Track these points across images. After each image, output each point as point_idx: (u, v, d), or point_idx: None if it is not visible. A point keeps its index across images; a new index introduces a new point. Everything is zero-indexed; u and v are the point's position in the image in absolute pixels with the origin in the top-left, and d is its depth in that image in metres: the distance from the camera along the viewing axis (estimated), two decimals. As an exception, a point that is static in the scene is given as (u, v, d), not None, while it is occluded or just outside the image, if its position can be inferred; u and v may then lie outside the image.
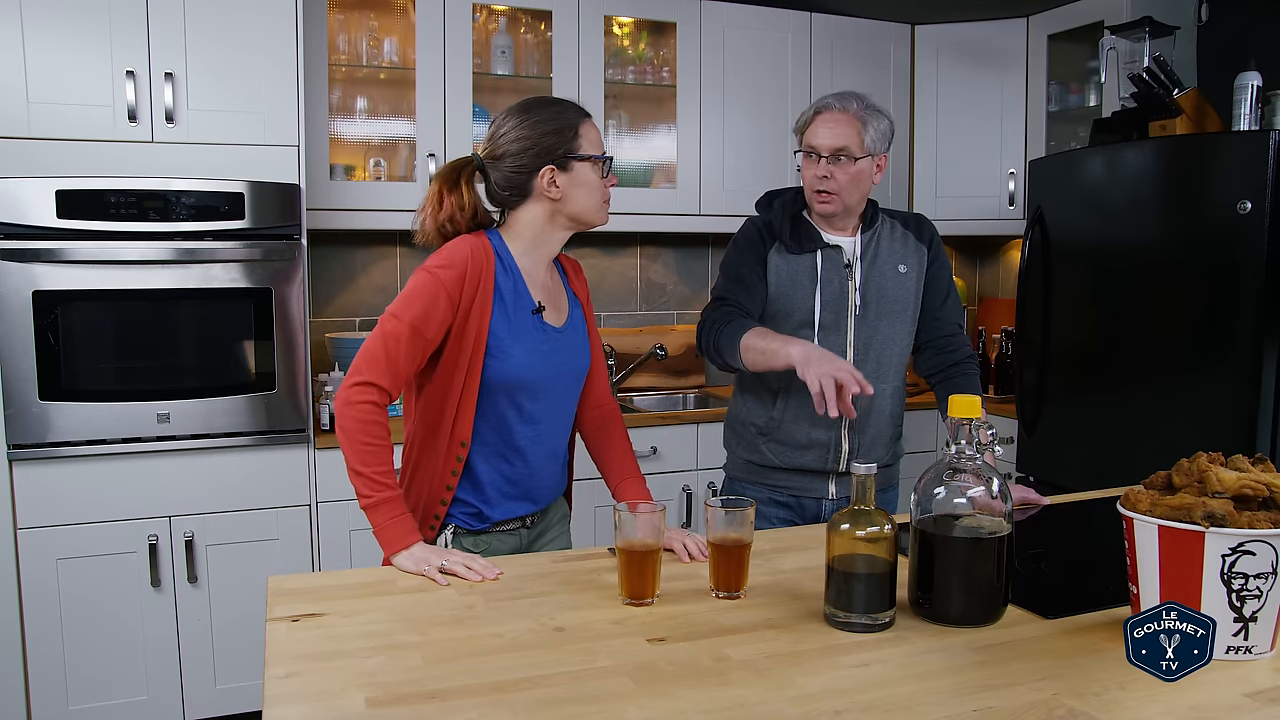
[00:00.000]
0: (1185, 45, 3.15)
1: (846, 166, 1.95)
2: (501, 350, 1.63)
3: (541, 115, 1.64)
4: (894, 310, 2.02)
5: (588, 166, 1.65)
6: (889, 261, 2.04)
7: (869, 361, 2.00)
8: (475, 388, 1.62)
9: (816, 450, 2.02)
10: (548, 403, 1.71)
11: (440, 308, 1.57)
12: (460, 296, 1.59)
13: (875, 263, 2.03)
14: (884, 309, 2.02)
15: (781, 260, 2.04)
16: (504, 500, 1.71)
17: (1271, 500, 1.13)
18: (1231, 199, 2.52)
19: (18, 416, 2.48)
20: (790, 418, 2.03)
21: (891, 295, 2.02)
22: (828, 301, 2.00)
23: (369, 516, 1.54)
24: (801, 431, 2.03)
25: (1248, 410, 2.51)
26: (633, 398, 3.57)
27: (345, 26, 3.14)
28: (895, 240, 2.06)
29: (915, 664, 1.14)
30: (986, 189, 3.71)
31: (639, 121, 3.57)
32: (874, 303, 2.01)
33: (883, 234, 2.06)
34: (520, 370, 1.64)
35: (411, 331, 1.57)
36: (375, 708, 1.03)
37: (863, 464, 1.25)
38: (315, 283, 3.29)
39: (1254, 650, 1.13)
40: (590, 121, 1.68)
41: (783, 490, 2.07)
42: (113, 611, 2.59)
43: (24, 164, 2.45)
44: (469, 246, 1.61)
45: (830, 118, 1.96)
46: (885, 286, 2.02)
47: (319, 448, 2.76)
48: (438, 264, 1.59)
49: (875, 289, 2.01)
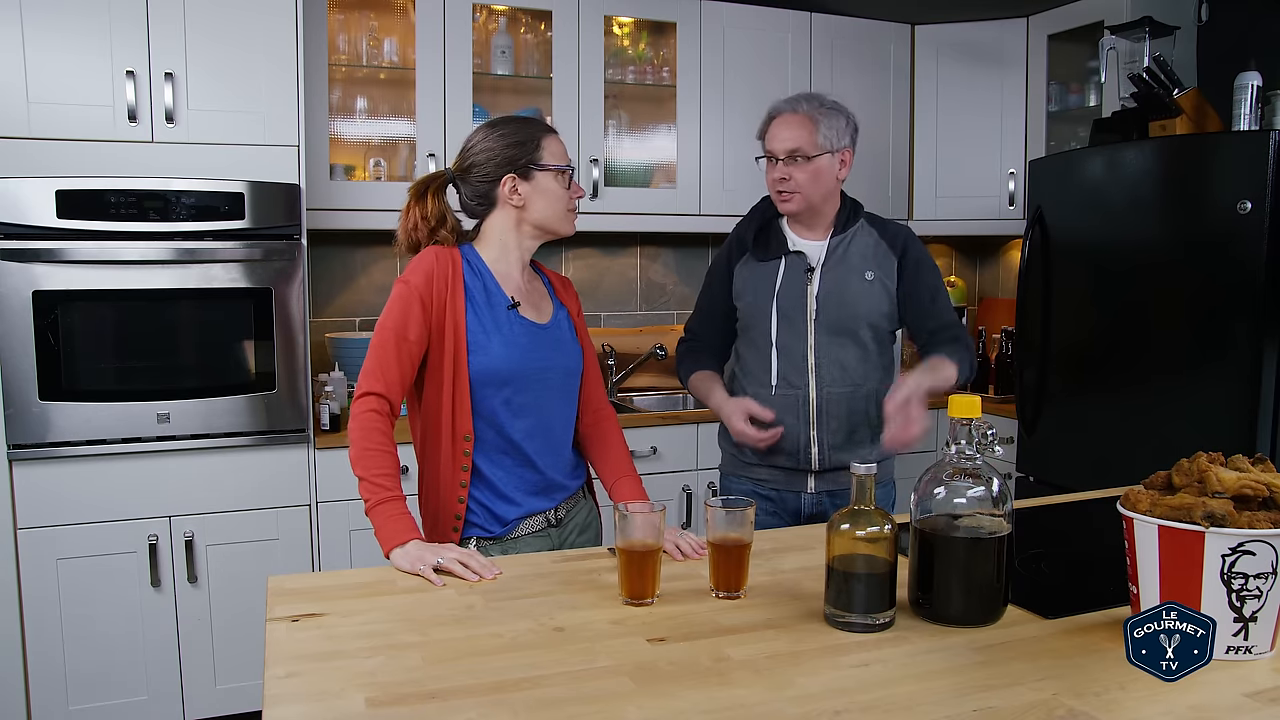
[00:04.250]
0: (1185, 45, 3.15)
1: (803, 166, 2.00)
2: (479, 345, 1.70)
3: (506, 129, 1.76)
4: (854, 314, 2.03)
5: (549, 176, 1.74)
6: (856, 267, 2.05)
7: (832, 366, 2.04)
8: (465, 382, 1.70)
9: (786, 452, 2.08)
10: (536, 395, 1.76)
11: (415, 313, 1.68)
12: (431, 299, 1.69)
13: (839, 267, 2.05)
14: (844, 313, 2.03)
15: (748, 270, 2.11)
16: (517, 494, 1.76)
17: (1271, 500, 1.13)
18: (1231, 199, 2.52)
19: (18, 416, 2.48)
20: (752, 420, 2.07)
21: (852, 301, 2.03)
22: (784, 309, 2.05)
23: (370, 518, 1.58)
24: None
25: (1248, 410, 2.51)
26: (633, 398, 3.57)
27: (345, 26, 3.14)
28: (868, 247, 2.07)
29: (915, 664, 1.13)
30: (986, 189, 3.71)
31: (639, 121, 3.57)
32: (833, 308, 2.03)
33: (856, 239, 2.07)
34: (499, 362, 1.71)
35: (395, 338, 1.68)
36: (375, 708, 1.03)
37: (862, 464, 1.25)
38: (315, 283, 3.29)
39: (1254, 650, 1.13)
40: (555, 137, 1.78)
41: (765, 484, 2.13)
42: (113, 611, 2.59)
43: (24, 164, 2.45)
44: (434, 254, 1.73)
45: (783, 121, 2.03)
46: (846, 292, 2.03)
47: (319, 448, 2.76)
48: (408, 274, 1.71)
49: (836, 294, 2.03)
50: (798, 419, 2.05)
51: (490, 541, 1.74)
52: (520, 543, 1.76)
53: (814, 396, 2.04)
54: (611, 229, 3.41)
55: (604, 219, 3.32)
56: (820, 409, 2.04)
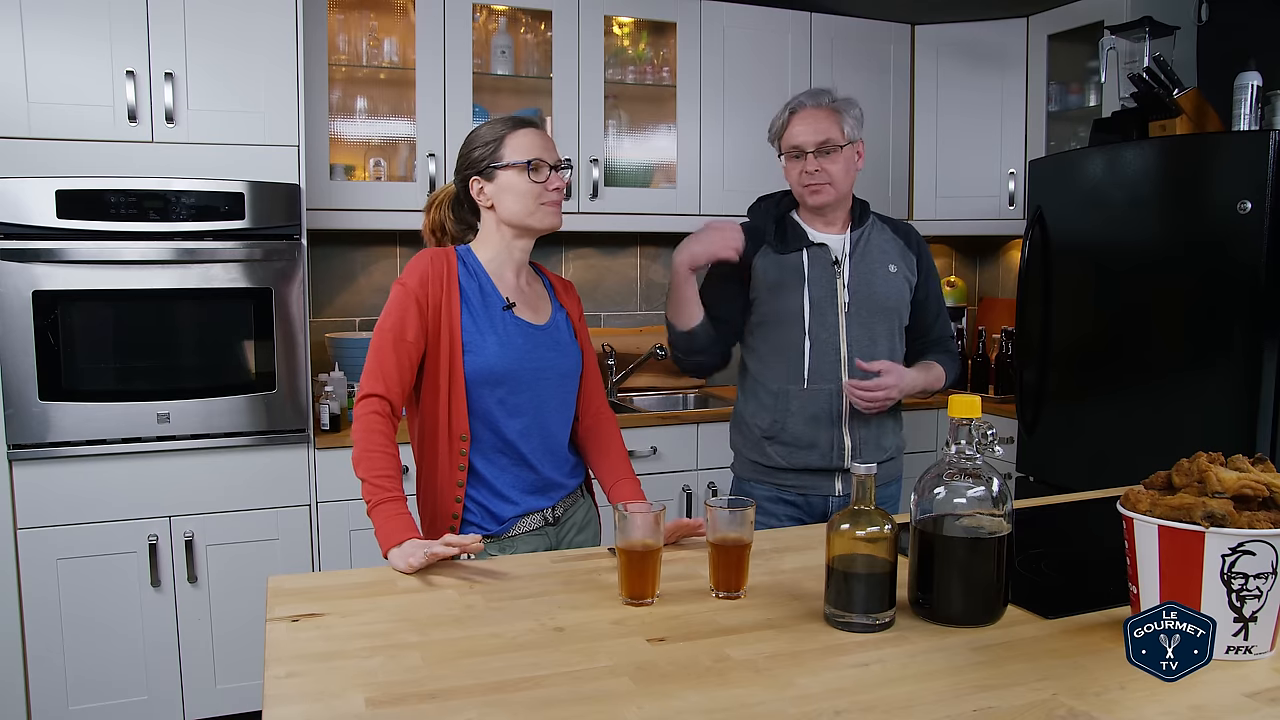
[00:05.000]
0: (1185, 45, 3.15)
1: (834, 157, 2.01)
2: (473, 345, 1.72)
3: (476, 134, 1.79)
4: (885, 306, 2.05)
5: (511, 173, 1.73)
6: (879, 260, 2.07)
7: (863, 359, 2.02)
8: (461, 382, 1.71)
9: (820, 449, 2.05)
10: (531, 395, 1.76)
11: (412, 313, 1.70)
12: (426, 300, 1.71)
13: (864, 260, 2.06)
14: (875, 305, 2.04)
15: (768, 262, 2.08)
16: (513, 493, 1.76)
17: (1271, 500, 1.13)
18: (1231, 199, 2.52)
19: (18, 416, 2.48)
20: (793, 419, 2.06)
21: (882, 292, 2.05)
22: (815, 300, 2.03)
23: (370, 518, 1.59)
24: (804, 432, 2.05)
25: (1248, 410, 2.51)
26: (633, 398, 3.57)
27: (345, 26, 3.14)
28: (885, 240, 2.10)
29: (915, 664, 1.13)
30: (986, 189, 3.71)
31: (639, 121, 3.57)
32: (864, 299, 2.04)
33: (872, 233, 2.10)
34: (494, 361, 1.72)
35: (393, 338, 1.69)
36: (375, 708, 1.03)
37: (862, 464, 1.25)
38: (315, 283, 3.29)
39: (1254, 650, 1.13)
40: (526, 131, 1.75)
41: (790, 489, 2.09)
42: (113, 611, 2.59)
43: (24, 164, 2.45)
44: (429, 256, 1.76)
45: (807, 114, 2.03)
46: (875, 283, 2.05)
47: (319, 448, 2.76)
48: (404, 276, 1.74)
49: (865, 285, 2.04)
50: (831, 415, 2.03)
51: (489, 540, 1.74)
52: (518, 541, 1.76)
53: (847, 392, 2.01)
54: (611, 229, 3.41)
55: (604, 219, 3.33)
56: (852, 405, 2.02)
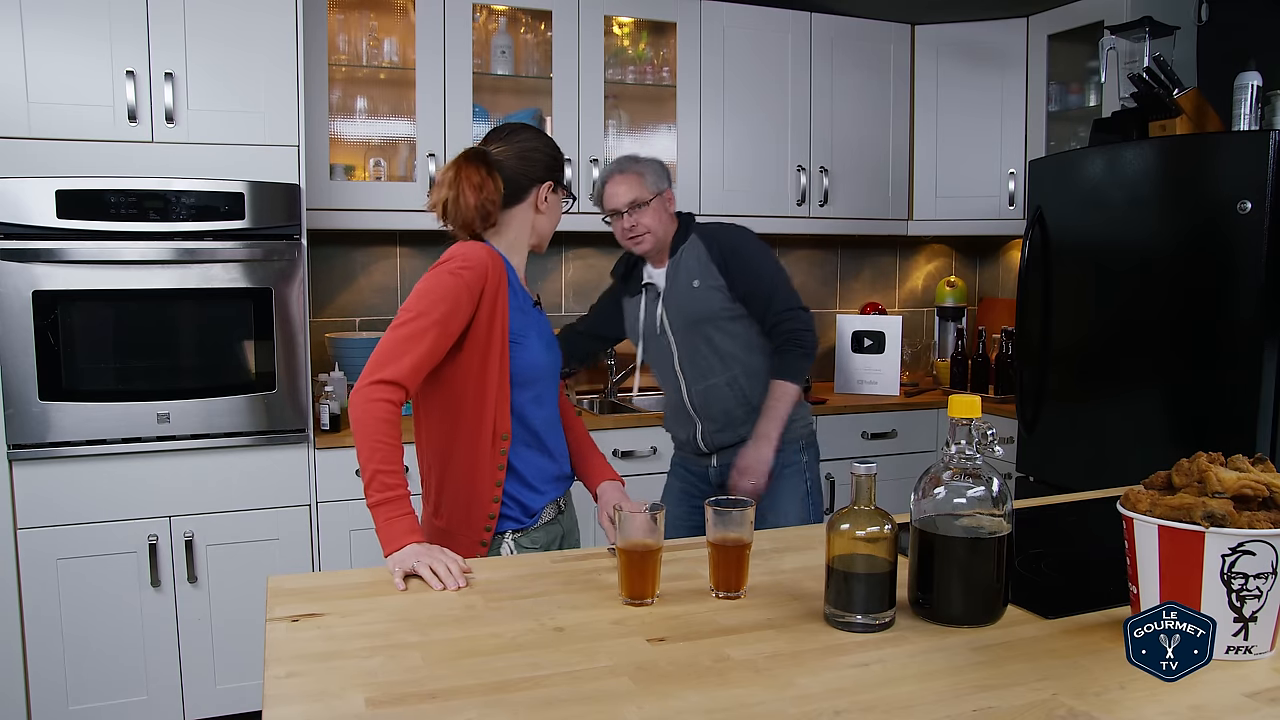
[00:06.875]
0: (1185, 45, 3.15)
1: (644, 210, 2.35)
2: (519, 342, 1.72)
3: (550, 141, 1.85)
4: (698, 318, 2.40)
5: (559, 199, 1.86)
6: (685, 280, 2.41)
7: (695, 364, 2.43)
8: (508, 380, 1.70)
9: (687, 437, 2.52)
10: (550, 385, 1.82)
11: (463, 306, 1.65)
12: (481, 295, 1.67)
13: (674, 285, 2.42)
14: (687, 320, 2.41)
15: (627, 303, 2.57)
16: (540, 483, 1.79)
17: (1271, 500, 1.13)
18: (1231, 199, 2.52)
19: (18, 416, 2.48)
20: (668, 417, 2.60)
21: (690, 309, 2.40)
22: (647, 329, 2.49)
23: (373, 514, 1.56)
24: (675, 426, 2.57)
25: (1248, 410, 2.51)
26: (632, 398, 3.57)
27: (345, 26, 3.14)
28: (693, 259, 2.41)
29: (915, 664, 1.14)
30: (986, 189, 3.71)
31: (639, 121, 3.57)
32: (677, 317, 2.42)
33: (683, 258, 2.42)
34: (538, 357, 1.75)
35: (439, 329, 1.62)
36: (375, 708, 1.03)
37: (862, 465, 1.25)
38: (315, 283, 3.29)
39: (1254, 650, 1.13)
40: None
41: (690, 462, 2.58)
42: (113, 611, 2.59)
43: (24, 164, 2.45)
44: (484, 251, 1.71)
45: (616, 181, 2.37)
46: (682, 302, 2.41)
47: (319, 448, 2.76)
48: (460, 265, 1.66)
49: (676, 307, 2.42)
50: (687, 416, 2.49)
51: (518, 534, 1.75)
52: (536, 533, 1.78)
53: (687, 396, 2.46)
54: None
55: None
56: (695, 405, 2.46)
